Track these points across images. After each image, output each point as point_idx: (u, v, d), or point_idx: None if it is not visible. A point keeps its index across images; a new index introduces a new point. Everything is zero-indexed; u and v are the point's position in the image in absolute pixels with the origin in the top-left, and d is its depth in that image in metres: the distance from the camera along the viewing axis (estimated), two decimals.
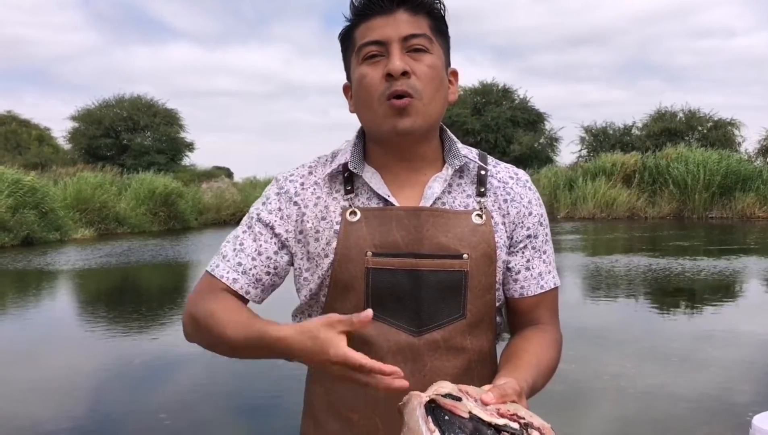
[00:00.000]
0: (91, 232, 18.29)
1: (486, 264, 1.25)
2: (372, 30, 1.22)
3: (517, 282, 1.31)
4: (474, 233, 1.25)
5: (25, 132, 35.65)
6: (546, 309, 1.33)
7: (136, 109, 33.67)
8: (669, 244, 14.72)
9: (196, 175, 29.33)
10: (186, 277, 11.63)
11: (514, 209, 1.31)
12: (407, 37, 1.20)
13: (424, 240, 1.23)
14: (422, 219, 1.24)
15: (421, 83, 1.20)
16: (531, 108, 34.75)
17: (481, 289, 1.25)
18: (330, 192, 1.29)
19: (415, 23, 1.21)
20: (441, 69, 1.25)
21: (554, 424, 1.02)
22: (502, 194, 1.31)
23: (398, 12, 1.21)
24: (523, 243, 1.31)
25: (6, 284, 10.74)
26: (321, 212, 1.28)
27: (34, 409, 4.53)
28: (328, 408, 1.30)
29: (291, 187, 1.31)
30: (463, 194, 1.29)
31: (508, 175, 1.35)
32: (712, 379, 4.96)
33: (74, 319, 8.03)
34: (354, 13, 1.25)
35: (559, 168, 27.47)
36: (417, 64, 1.20)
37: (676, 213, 22.76)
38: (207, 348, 1.27)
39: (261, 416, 4.40)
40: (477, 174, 1.31)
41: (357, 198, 1.28)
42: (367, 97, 1.23)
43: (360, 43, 1.23)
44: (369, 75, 1.22)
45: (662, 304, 8.32)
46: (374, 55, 1.22)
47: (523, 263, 1.31)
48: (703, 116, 32.00)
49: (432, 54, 1.23)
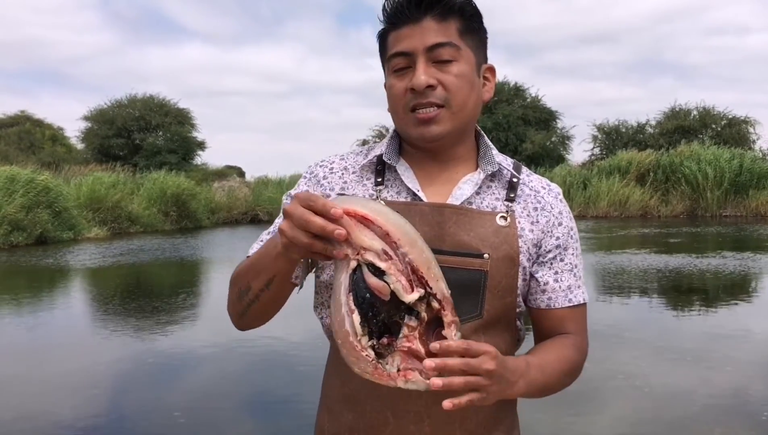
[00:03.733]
0: (104, 231, 18.39)
1: (507, 266, 1.24)
2: (399, 40, 1.23)
3: (545, 293, 1.30)
4: (497, 234, 1.25)
5: (39, 132, 35.84)
6: (573, 322, 1.32)
7: (148, 108, 33.78)
8: (682, 242, 14.64)
9: (208, 175, 29.39)
10: (199, 276, 11.68)
11: (544, 218, 1.30)
12: (432, 48, 1.20)
13: (446, 237, 1.23)
14: (445, 216, 1.24)
15: (449, 93, 1.21)
16: (543, 106, 34.59)
17: (501, 290, 1.24)
18: (360, 180, 1.31)
19: (442, 30, 1.21)
20: (470, 74, 1.25)
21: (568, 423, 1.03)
22: (533, 202, 1.31)
23: (425, 20, 1.21)
24: (552, 253, 1.30)
25: (20, 282, 10.82)
26: None
27: (49, 407, 4.56)
28: (342, 400, 1.31)
29: (320, 172, 1.34)
30: (491, 197, 1.30)
31: (540, 185, 1.35)
32: (728, 378, 4.93)
33: (88, 317, 8.07)
34: (385, 20, 1.26)
35: (572, 166, 27.38)
36: (444, 75, 1.21)
37: (689, 211, 22.64)
38: (238, 306, 1.27)
39: (276, 414, 4.41)
40: (509, 180, 1.31)
41: (386, 190, 1.29)
42: (395, 106, 1.26)
43: (389, 54, 1.25)
44: (395, 86, 1.24)
45: (676, 303, 8.27)
46: (402, 68, 1.23)
47: (551, 275, 1.30)
48: (717, 114, 31.78)
49: (459, 61, 1.23)
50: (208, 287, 10.61)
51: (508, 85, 34.93)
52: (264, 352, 5.72)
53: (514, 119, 32.92)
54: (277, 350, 5.77)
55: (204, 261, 13.44)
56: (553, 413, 4.05)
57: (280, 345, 5.86)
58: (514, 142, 32.59)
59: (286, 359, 5.58)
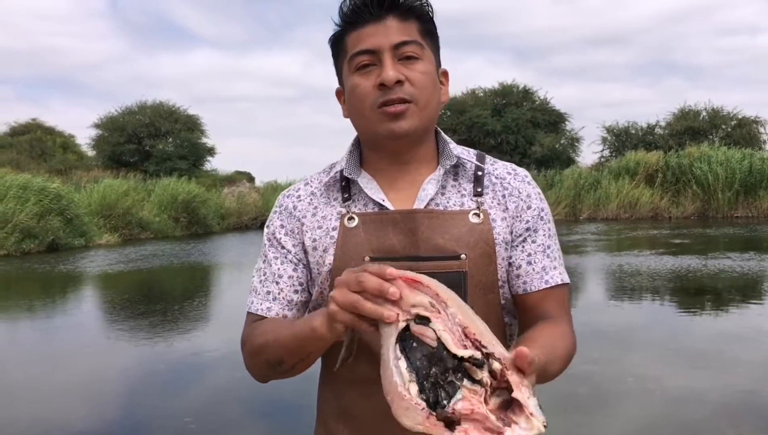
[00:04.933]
0: (115, 237, 18.49)
1: (485, 263, 1.24)
2: (363, 38, 1.22)
3: (519, 277, 1.29)
4: (471, 233, 1.24)
5: (50, 139, 36.07)
6: (554, 304, 1.29)
7: (157, 115, 33.96)
8: (693, 243, 14.57)
9: (218, 180, 29.51)
10: (209, 282, 11.72)
11: (513, 203, 1.30)
12: (398, 45, 1.21)
13: (421, 242, 1.23)
14: (417, 221, 1.24)
15: (416, 90, 1.22)
16: (551, 109, 34.55)
17: (482, 288, 1.24)
18: (328, 201, 1.32)
19: (405, 29, 1.22)
20: (433, 73, 1.26)
21: (579, 426, 1.02)
22: (500, 190, 1.30)
23: (388, 18, 1.21)
24: (523, 236, 1.29)
25: (33, 288, 10.89)
26: (318, 222, 1.31)
27: (61, 412, 4.59)
28: (338, 413, 1.31)
29: (289, 202, 1.35)
30: (457, 194, 1.29)
31: (505, 171, 1.34)
32: (740, 380, 4.90)
33: (100, 323, 8.12)
34: (343, 20, 1.26)
35: (582, 168, 27.30)
36: (410, 72, 1.22)
37: (700, 212, 22.53)
38: (269, 372, 1.28)
39: (286, 419, 4.42)
40: (474, 173, 1.31)
41: (354, 204, 1.29)
42: (360, 105, 1.25)
43: (352, 53, 1.24)
44: (361, 85, 1.23)
45: (687, 305, 8.23)
46: (366, 65, 1.23)
47: (524, 258, 1.29)
48: (727, 114, 31.64)
49: (423, 60, 1.24)
50: (219, 293, 10.64)
51: (517, 87, 34.92)
52: None
53: (523, 122, 32.90)
54: None
55: (214, 266, 13.48)
56: (563, 416, 4.04)
57: None
58: (524, 145, 32.57)
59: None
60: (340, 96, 1.33)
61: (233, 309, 8.71)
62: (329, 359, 1.31)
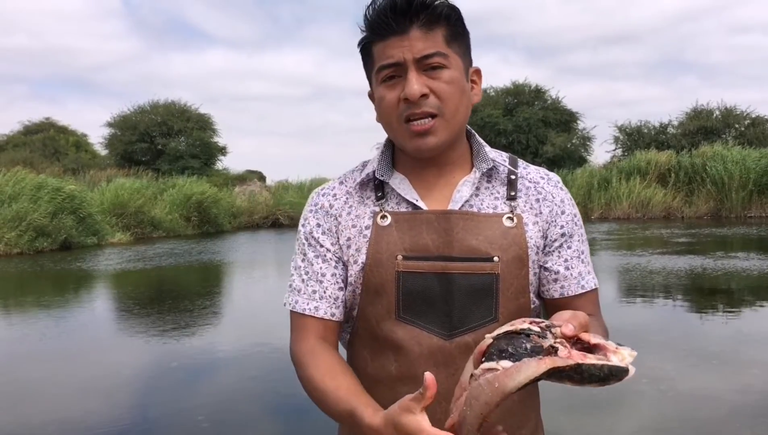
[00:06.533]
0: (127, 236, 18.58)
1: (518, 267, 1.24)
2: (387, 51, 1.21)
3: (557, 282, 1.30)
4: (505, 236, 1.25)
5: (63, 138, 36.32)
6: (589, 306, 1.31)
7: (170, 114, 34.07)
8: (706, 243, 14.47)
9: (230, 179, 29.58)
10: (221, 280, 11.74)
11: (547, 208, 1.30)
12: (422, 58, 1.20)
13: (455, 243, 1.23)
14: (452, 222, 1.24)
15: (442, 101, 1.21)
16: (563, 108, 34.40)
17: (514, 291, 1.24)
18: (362, 199, 1.32)
19: (429, 40, 1.20)
20: (460, 79, 1.24)
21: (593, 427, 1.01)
22: (534, 194, 1.31)
23: (412, 30, 1.20)
24: (558, 242, 1.30)
25: (46, 287, 10.96)
26: (353, 220, 1.30)
27: (75, 410, 4.62)
28: None
29: (324, 201, 1.34)
30: (491, 197, 1.29)
31: (539, 175, 1.34)
32: (754, 381, 4.86)
33: (112, 321, 8.15)
34: (369, 29, 1.24)
35: (593, 168, 27.18)
36: (435, 82, 1.21)
37: (713, 212, 22.37)
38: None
39: (299, 417, 4.42)
40: (507, 177, 1.31)
41: (387, 203, 1.29)
42: (388, 117, 1.25)
43: (378, 65, 1.23)
44: (387, 97, 1.23)
45: (701, 305, 8.17)
46: (392, 77, 1.22)
47: (561, 263, 1.30)
48: (740, 113, 31.40)
49: (450, 68, 1.22)
50: (231, 291, 10.67)
51: (529, 87, 34.80)
52: (286, 354, 5.71)
53: (535, 121, 32.78)
54: None
55: (226, 265, 13.51)
56: (577, 417, 4.03)
57: None
58: (535, 144, 32.46)
59: None
60: (373, 99, 1.33)
61: (246, 307, 8.73)
62: (358, 360, 1.32)
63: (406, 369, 1.24)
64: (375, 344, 1.28)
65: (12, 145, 33.65)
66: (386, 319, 1.25)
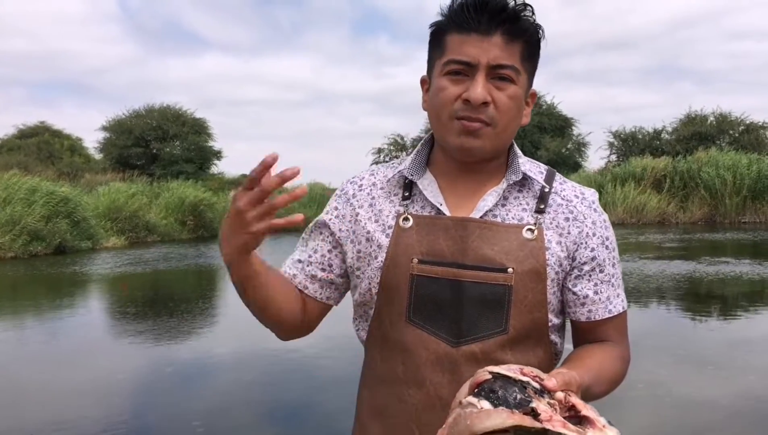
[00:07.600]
0: (121, 240, 18.52)
1: (533, 280, 1.22)
2: (464, 47, 1.19)
3: (584, 305, 1.28)
4: (522, 248, 1.23)
5: (58, 142, 36.23)
6: (613, 330, 1.30)
7: (165, 118, 34.07)
8: (701, 248, 14.51)
9: (225, 183, 29.57)
10: (216, 284, 11.72)
11: (576, 229, 1.27)
12: (496, 66, 1.18)
13: (469, 251, 1.22)
14: (469, 230, 1.23)
15: (499, 114, 1.20)
16: (558, 114, 34.53)
17: (528, 305, 1.22)
18: (388, 195, 1.32)
19: (507, 51, 1.19)
20: (521, 99, 1.23)
21: None
22: (564, 212, 1.27)
23: (495, 35, 1.18)
24: (589, 265, 1.27)
25: (40, 291, 10.91)
26: (375, 215, 1.30)
27: (69, 414, 4.59)
28: (371, 412, 1.32)
29: (350, 189, 1.36)
30: (518, 207, 1.27)
31: (573, 193, 1.30)
32: (750, 386, 4.87)
33: (107, 325, 8.12)
34: (450, 17, 1.21)
35: (588, 173, 27.25)
36: (499, 94, 1.19)
37: (707, 218, 22.46)
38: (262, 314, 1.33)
39: (294, 423, 4.40)
40: (540, 190, 1.29)
41: (413, 204, 1.29)
42: (440, 109, 1.23)
43: (448, 57, 1.21)
44: (448, 90, 1.21)
45: (696, 311, 8.19)
46: (458, 72, 1.20)
47: (590, 287, 1.27)
48: (735, 120, 31.56)
49: (516, 85, 1.21)
50: (226, 295, 10.64)
51: None
52: (282, 359, 5.72)
53: (530, 127, 32.87)
54: (295, 358, 5.76)
55: (221, 269, 13.46)
56: None
57: (299, 353, 5.86)
58: (530, 150, 32.53)
59: (304, 367, 5.57)
60: (424, 84, 1.31)
61: (241, 312, 8.66)
62: (369, 360, 1.33)
63: (412, 372, 1.24)
64: (385, 345, 1.28)
65: (6, 149, 33.56)
66: (397, 321, 1.25)
